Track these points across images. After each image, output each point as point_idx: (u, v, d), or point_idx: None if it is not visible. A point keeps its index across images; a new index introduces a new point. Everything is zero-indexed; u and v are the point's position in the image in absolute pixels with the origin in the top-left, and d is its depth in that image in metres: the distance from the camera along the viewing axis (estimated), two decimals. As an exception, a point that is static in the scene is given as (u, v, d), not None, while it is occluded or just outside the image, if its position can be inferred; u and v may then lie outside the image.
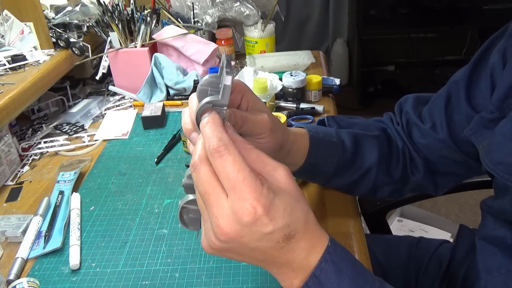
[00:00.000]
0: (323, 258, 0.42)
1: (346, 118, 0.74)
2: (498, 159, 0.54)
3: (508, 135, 0.54)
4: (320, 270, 0.41)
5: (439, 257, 0.85)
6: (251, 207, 0.37)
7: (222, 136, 0.39)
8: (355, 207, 0.78)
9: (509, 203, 0.53)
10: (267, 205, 0.38)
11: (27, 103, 0.97)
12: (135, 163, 0.93)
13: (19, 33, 1.08)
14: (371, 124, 0.74)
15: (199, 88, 0.45)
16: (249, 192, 0.37)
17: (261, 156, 0.41)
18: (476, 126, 0.60)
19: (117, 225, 0.76)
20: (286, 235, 0.40)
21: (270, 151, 0.53)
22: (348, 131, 0.69)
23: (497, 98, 0.58)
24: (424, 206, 1.93)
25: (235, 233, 0.38)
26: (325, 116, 0.75)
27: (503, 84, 0.57)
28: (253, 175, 0.38)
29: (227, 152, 0.38)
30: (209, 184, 0.39)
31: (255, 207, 0.37)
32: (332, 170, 0.66)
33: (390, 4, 2.67)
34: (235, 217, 0.38)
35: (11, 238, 0.73)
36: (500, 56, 0.60)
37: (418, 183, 0.73)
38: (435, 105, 0.69)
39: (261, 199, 0.38)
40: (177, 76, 1.17)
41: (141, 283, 0.64)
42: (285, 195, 0.40)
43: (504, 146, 0.54)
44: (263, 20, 1.35)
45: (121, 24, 1.16)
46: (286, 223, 0.39)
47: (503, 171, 0.53)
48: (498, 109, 0.57)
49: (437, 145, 0.68)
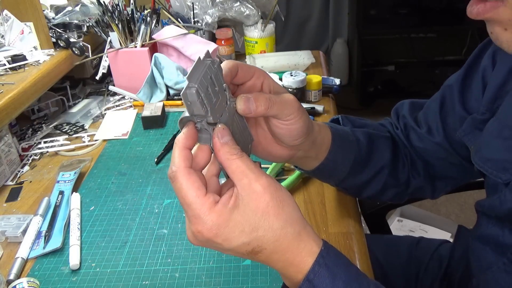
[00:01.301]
0: (316, 262, 0.42)
1: (358, 119, 0.75)
2: (486, 156, 0.55)
3: (495, 133, 0.55)
4: (314, 274, 0.42)
5: (439, 257, 0.86)
6: (197, 232, 0.41)
7: (176, 161, 0.42)
8: (355, 207, 0.78)
9: (498, 200, 0.54)
10: (214, 229, 0.40)
11: (27, 103, 0.97)
12: (135, 163, 0.93)
13: (19, 33, 1.08)
14: (379, 126, 0.75)
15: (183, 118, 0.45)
16: (194, 218, 0.41)
17: (240, 167, 0.42)
18: (468, 127, 0.61)
19: (117, 225, 0.76)
20: (249, 251, 0.42)
21: (299, 132, 0.52)
22: (363, 130, 0.69)
23: (487, 99, 0.59)
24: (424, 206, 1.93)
25: (205, 239, 0.42)
26: (339, 115, 0.74)
27: (492, 85, 0.59)
28: (199, 200, 0.40)
29: (175, 180, 0.41)
30: (179, 197, 0.42)
31: (200, 232, 0.41)
32: (348, 169, 0.66)
33: (390, 4, 2.67)
34: (195, 232, 0.42)
35: (11, 238, 0.73)
36: (490, 59, 0.61)
37: (418, 186, 0.73)
38: (430, 109, 0.70)
39: (205, 225, 0.40)
40: (177, 76, 1.17)
41: (141, 283, 0.64)
42: (249, 213, 0.41)
43: (492, 144, 0.55)
44: (263, 20, 1.35)
45: (121, 24, 1.15)
46: (244, 242, 0.41)
47: (491, 167, 0.54)
48: (489, 110, 0.58)
49: (434, 149, 0.69)
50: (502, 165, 0.53)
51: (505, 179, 0.52)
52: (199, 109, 0.41)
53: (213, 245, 0.42)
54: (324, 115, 1.06)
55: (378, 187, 0.70)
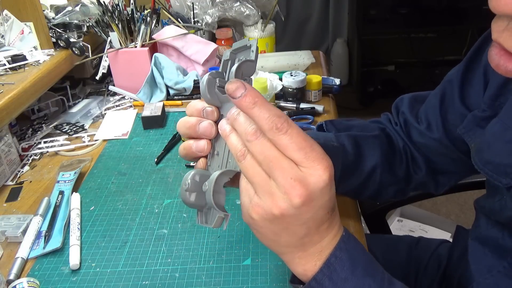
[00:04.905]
0: (338, 246, 0.44)
1: (343, 121, 0.74)
2: (487, 159, 0.55)
3: (497, 135, 0.54)
4: (335, 258, 0.43)
5: (438, 257, 0.85)
6: (323, 172, 0.39)
7: (280, 113, 0.39)
8: (355, 207, 0.78)
9: (498, 203, 0.53)
10: (332, 171, 0.40)
11: (27, 103, 0.97)
12: (135, 163, 0.93)
13: (19, 33, 1.08)
14: (369, 125, 0.74)
15: (206, 78, 0.45)
16: (319, 158, 0.39)
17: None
18: (469, 125, 0.60)
19: (117, 225, 0.76)
20: (332, 207, 0.43)
21: None
22: (347, 134, 0.68)
23: (489, 96, 0.58)
24: (424, 206, 1.93)
25: (309, 194, 0.39)
26: (323, 121, 0.73)
27: (494, 82, 0.57)
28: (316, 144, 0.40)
29: (290, 127, 0.38)
30: (275, 151, 0.39)
31: (327, 169, 0.39)
32: (338, 176, 0.65)
33: (390, 4, 2.67)
34: (311, 180, 0.39)
35: (11, 238, 0.73)
36: None
37: (421, 182, 0.73)
38: (430, 104, 0.69)
39: (329, 165, 0.39)
40: (177, 76, 1.17)
41: (141, 283, 0.64)
42: None
43: (493, 146, 0.54)
44: (263, 20, 1.35)
45: (121, 24, 1.16)
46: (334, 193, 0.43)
47: (492, 170, 0.53)
48: (490, 107, 0.57)
49: (434, 145, 0.69)
50: (503, 169, 0.52)
51: (505, 183, 0.52)
52: None
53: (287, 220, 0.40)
54: (324, 115, 1.06)
55: (374, 187, 0.70)
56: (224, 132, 0.43)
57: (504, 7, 0.35)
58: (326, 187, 0.40)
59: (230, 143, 0.42)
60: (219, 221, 0.45)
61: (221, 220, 0.45)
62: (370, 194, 0.71)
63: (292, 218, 0.40)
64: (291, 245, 0.43)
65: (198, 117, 0.48)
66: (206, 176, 0.46)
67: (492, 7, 0.36)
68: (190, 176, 0.46)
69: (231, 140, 0.42)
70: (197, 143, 0.48)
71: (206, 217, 0.48)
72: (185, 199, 0.46)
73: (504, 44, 0.38)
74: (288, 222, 0.41)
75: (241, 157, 0.41)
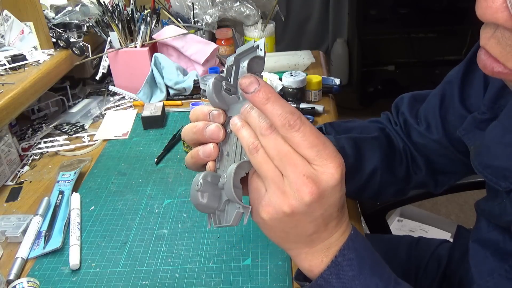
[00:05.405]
0: (346, 245, 0.44)
1: (343, 123, 0.74)
2: (486, 162, 0.54)
3: (497, 139, 0.53)
4: (343, 256, 0.43)
5: (438, 257, 0.85)
6: (335, 170, 0.39)
7: (293, 109, 0.39)
8: (355, 207, 0.78)
9: (498, 207, 0.53)
10: (344, 170, 0.40)
11: (27, 103, 0.97)
12: (135, 163, 0.93)
13: (19, 33, 1.08)
14: (368, 126, 0.74)
15: (212, 81, 0.45)
16: (332, 156, 0.39)
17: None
18: (468, 126, 0.60)
19: (117, 225, 0.76)
20: (342, 205, 0.43)
21: None
22: (347, 136, 0.68)
23: (489, 98, 0.57)
24: (424, 206, 1.93)
25: (320, 192, 0.39)
26: (322, 124, 0.73)
27: (494, 84, 0.57)
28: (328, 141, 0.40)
29: (303, 124, 0.38)
30: (288, 147, 0.39)
31: (339, 167, 0.39)
32: None
33: (390, 4, 2.67)
34: (323, 178, 0.39)
35: (11, 238, 0.73)
36: None
37: (420, 181, 0.73)
38: (430, 105, 0.69)
39: (341, 164, 0.40)
40: (177, 76, 1.17)
41: (141, 283, 0.64)
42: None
43: (493, 149, 0.54)
44: (263, 20, 1.35)
45: (121, 24, 1.16)
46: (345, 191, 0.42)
47: (491, 174, 0.53)
48: (490, 110, 0.57)
49: (434, 146, 0.69)
50: (502, 172, 0.52)
51: (504, 187, 0.51)
52: None
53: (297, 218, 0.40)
54: (324, 115, 1.06)
55: (375, 188, 0.70)
56: (236, 126, 0.42)
57: (489, 15, 0.36)
58: (337, 186, 0.40)
59: (242, 136, 0.42)
60: (238, 217, 0.43)
61: (239, 215, 0.43)
62: (370, 195, 0.71)
63: (302, 215, 0.40)
64: (299, 242, 0.44)
65: (204, 121, 0.47)
66: (217, 177, 0.45)
67: (479, 15, 0.37)
68: (202, 176, 0.44)
69: (243, 134, 0.42)
70: (204, 147, 0.47)
71: (220, 218, 0.46)
72: (196, 200, 0.44)
73: (490, 51, 0.39)
74: (298, 219, 0.41)
75: (253, 149, 0.40)
